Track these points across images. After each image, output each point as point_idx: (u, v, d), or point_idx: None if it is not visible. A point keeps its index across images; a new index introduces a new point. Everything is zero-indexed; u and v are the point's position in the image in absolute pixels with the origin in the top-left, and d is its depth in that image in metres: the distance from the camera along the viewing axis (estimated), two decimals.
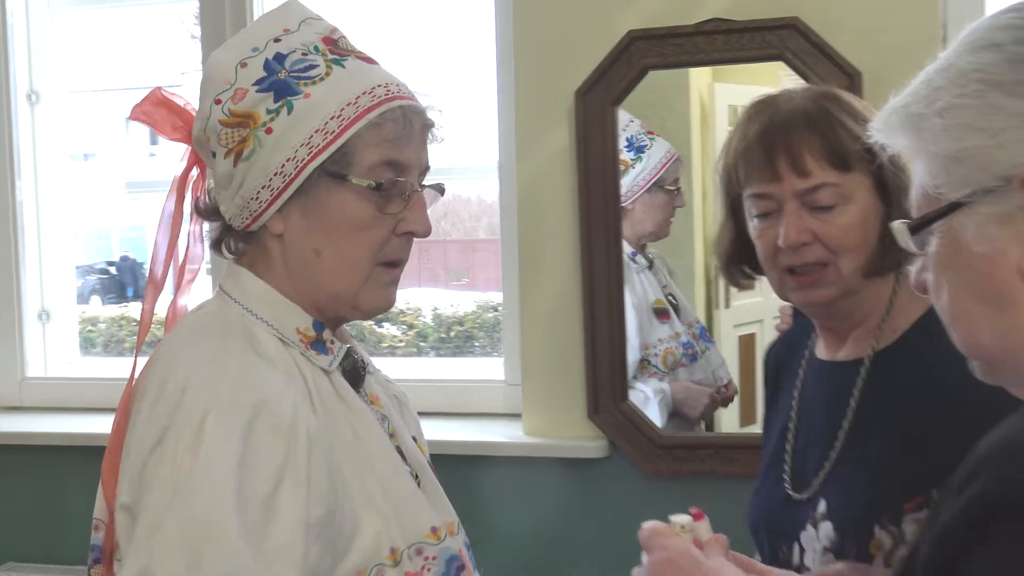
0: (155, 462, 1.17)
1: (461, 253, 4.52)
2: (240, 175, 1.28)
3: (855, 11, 2.20)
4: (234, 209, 1.30)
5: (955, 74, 0.93)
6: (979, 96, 0.91)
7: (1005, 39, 0.91)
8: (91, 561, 1.34)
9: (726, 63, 2.31)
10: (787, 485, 1.52)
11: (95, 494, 1.36)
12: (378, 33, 3.46)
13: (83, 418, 2.81)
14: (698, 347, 2.54)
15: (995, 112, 0.89)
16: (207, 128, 1.30)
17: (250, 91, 1.27)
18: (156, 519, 1.15)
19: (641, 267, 2.52)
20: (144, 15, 3.63)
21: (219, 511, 1.15)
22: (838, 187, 1.42)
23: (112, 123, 3.23)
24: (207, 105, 1.30)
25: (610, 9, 2.33)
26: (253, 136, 1.27)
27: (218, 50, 1.32)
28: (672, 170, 2.48)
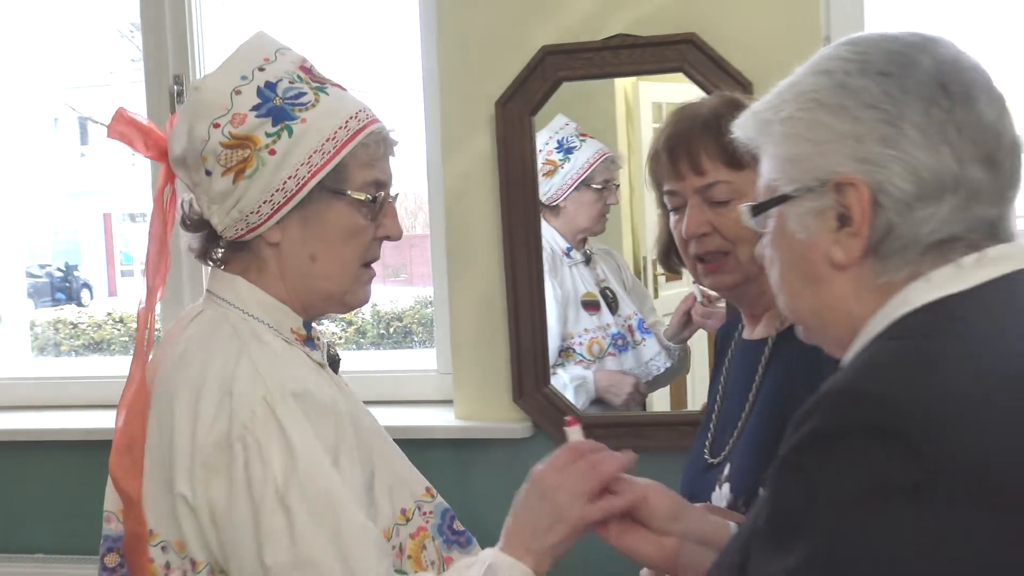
0: (233, 454, 1.32)
1: (398, 249, 4.59)
2: (240, 191, 1.41)
3: (746, 27, 2.38)
4: (228, 221, 1.43)
5: (797, 91, 1.10)
6: (810, 112, 1.08)
7: (836, 68, 1.08)
8: (104, 550, 1.47)
9: (631, 75, 2.49)
10: (706, 452, 1.69)
11: (51, 487, 1.46)
12: (314, 40, 3.59)
13: (35, 415, 2.93)
14: (631, 338, 2.65)
15: (820, 127, 1.07)
16: (205, 149, 1.41)
17: (249, 116, 1.41)
18: (276, 504, 1.30)
19: (575, 262, 2.65)
20: (70, 12, 3.67)
21: (331, 483, 1.33)
22: (731, 184, 1.59)
23: (42, 122, 3.32)
24: (203, 128, 1.41)
25: (525, 26, 2.48)
26: (256, 156, 1.40)
27: (207, 78, 1.45)
28: (601, 169, 2.61)
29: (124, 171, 11.28)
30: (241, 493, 1.32)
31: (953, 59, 1.07)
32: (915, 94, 1.04)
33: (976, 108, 1.05)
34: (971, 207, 1.04)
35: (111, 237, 11.71)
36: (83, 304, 10.11)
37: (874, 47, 1.08)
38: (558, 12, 2.47)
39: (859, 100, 1.05)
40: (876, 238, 1.05)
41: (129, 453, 1.40)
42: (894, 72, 1.05)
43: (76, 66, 9.72)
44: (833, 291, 1.10)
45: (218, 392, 1.35)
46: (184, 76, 2.79)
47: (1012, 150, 1.07)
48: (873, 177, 1.04)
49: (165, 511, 1.37)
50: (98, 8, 8.36)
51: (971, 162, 1.03)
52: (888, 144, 1.04)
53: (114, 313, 8.46)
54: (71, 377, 3.08)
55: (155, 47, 2.83)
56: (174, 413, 1.37)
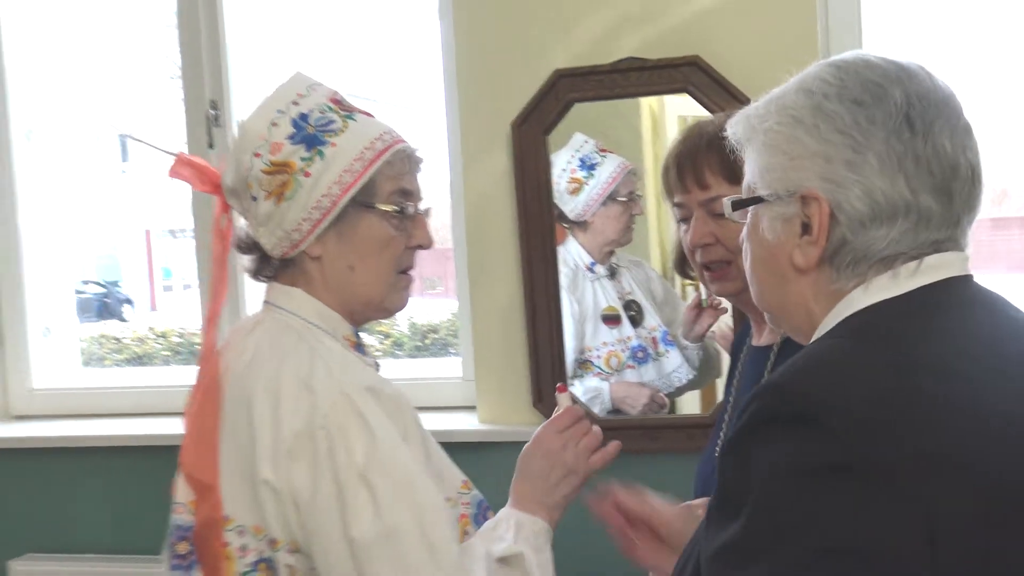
0: (316, 441, 1.46)
1: (435, 262, 4.68)
2: (282, 212, 1.57)
3: (746, 50, 2.48)
4: (275, 240, 1.59)
5: (780, 105, 1.21)
6: (789, 128, 1.19)
7: (817, 89, 1.18)
8: (175, 539, 1.60)
9: (639, 96, 2.58)
10: (717, 451, 1.77)
11: (100, 490, 1.59)
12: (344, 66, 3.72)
13: (86, 423, 3.10)
14: (654, 351, 2.71)
15: (796, 143, 1.18)
16: (249, 177, 1.58)
17: (285, 144, 1.57)
18: (359, 482, 1.45)
19: (598, 276, 2.71)
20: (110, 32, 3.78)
21: (408, 462, 1.50)
22: None
23: (83, 140, 3.46)
24: (246, 159, 1.58)
25: (539, 50, 2.59)
26: (293, 179, 1.56)
27: (248, 118, 1.61)
28: (625, 182, 2.66)
29: (164, 188, 11.52)
30: (325, 476, 1.46)
31: (924, 94, 1.16)
32: (881, 125, 1.14)
33: (936, 142, 1.14)
34: (920, 231, 1.15)
35: (151, 253, 11.94)
36: (125, 319, 10.33)
37: (853, 74, 1.18)
38: (570, 37, 2.59)
39: (831, 124, 1.16)
40: (831, 249, 1.17)
41: (202, 448, 1.54)
42: (866, 101, 1.15)
43: (116, 83, 9.94)
44: (795, 290, 1.23)
45: (296, 388, 1.50)
46: (220, 101, 2.94)
47: (968, 181, 1.17)
48: (834, 195, 1.16)
49: (244, 498, 1.51)
50: (137, 27, 8.57)
51: (925, 191, 1.14)
52: (851, 168, 1.15)
53: (156, 328, 8.65)
54: (117, 387, 3.24)
55: (192, 74, 2.97)
56: (253, 410, 1.51)
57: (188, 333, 8.37)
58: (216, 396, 1.56)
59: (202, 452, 1.54)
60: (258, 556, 1.51)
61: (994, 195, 4.88)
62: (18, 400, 3.22)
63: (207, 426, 1.55)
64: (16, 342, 3.21)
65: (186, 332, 8.35)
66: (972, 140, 1.19)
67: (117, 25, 4.98)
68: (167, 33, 3.06)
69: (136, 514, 2.97)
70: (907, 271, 1.16)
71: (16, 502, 3.08)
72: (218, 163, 1.68)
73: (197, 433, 1.57)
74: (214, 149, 2.96)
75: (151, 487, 2.93)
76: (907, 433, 1.01)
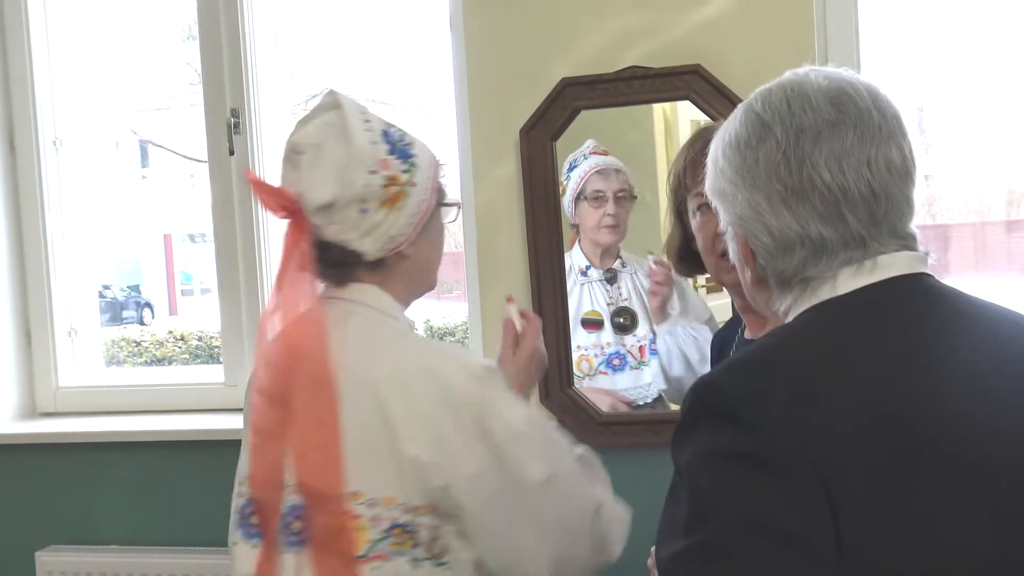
0: (462, 418, 1.66)
1: (452, 266, 4.77)
2: (391, 220, 1.74)
3: (745, 59, 2.55)
4: (378, 245, 1.75)
5: (712, 149, 1.34)
6: (713, 171, 1.33)
7: (727, 132, 1.31)
8: (291, 519, 1.71)
9: (643, 103, 2.66)
10: None
11: (122, 484, 1.70)
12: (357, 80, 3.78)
13: (108, 419, 3.20)
14: (633, 359, 2.73)
15: (717, 181, 1.32)
16: (365, 192, 1.72)
17: (389, 160, 1.74)
18: (518, 442, 1.68)
19: (591, 280, 2.75)
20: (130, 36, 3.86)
21: (541, 418, 1.79)
22: None
23: (103, 145, 3.53)
24: (360, 175, 1.71)
25: (546, 59, 2.68)
26: (403, 191, 1.75)
27: (352, 143, 1.72)
28: (593, 181, 2.69)
29: (183, 193, 11.63)
30: (481, 444, 1.66)
31: (802, 127, 1.22)
32: (763, 166, 1.25)
33: (812, 174, 1.22)
34: (820, 256, 1.24)
35: (171, 258, 12.08)
36: (145, 323, 10.46)
37: (751, 115, 1.28)
38: (575, 47, 2.67)
39: (732, 167, 1.28)
40: (760, 273, 1.31)
41: (327, 455, 1.67)
42: (753, 144, 1.26)
43: (137, 90, 10.05)
44: (762, 301, 1.36)
45: (423, 373, 1.68)
46: (240, 110, 3.04)
47: (864, 199, 1.22)
48: (744, 231, 1.29)
49: (375, 473, 1.66)
50: (157, 33, 8.69)
51: (812, 222, 1.23)
52: (751, 207, 1.27)
53: (175, 331, 8.76)
54: (139, 385, 3.35)
55: (213, 84, 3.07)
56: (382, 398, 1.67)
57: (207, 336, 8.49)
58: (333, 402, 1.68)
59: (329, 460, 1.67)
60: (391, 523, 1.67)
61: (1010, 197, 4.94)
62: (44, 398, 3.33)
63: (326, 432, 1.67)
64: (43, 343, 3.32)
65: (205, 335, 8.47)
66: (872, 153, 1.23)
67: (140, 32, 5.10)
68: (189, 42, 3.13)
69: (156, 506, 3.08)
70: (845, 275, 1.24)
71: (41, 496, 3.18)
72: (236, 173, 1.78)
73: (315, 439, 1.68)
74: (234, 156, 3.06)
75: (171, 481, 3.06)
76: (811, 428, 1.11)
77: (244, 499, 1.79)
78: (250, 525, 1.77)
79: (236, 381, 3.14)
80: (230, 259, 3.11)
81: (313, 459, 1.69)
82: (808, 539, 1.08)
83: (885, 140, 1.24)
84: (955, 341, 1.23)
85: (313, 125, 1.77)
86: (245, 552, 1.76)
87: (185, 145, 10.51)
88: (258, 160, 3.07)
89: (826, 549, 1.08)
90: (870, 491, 1.10)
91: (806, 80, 1.28)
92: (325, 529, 1.68)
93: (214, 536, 2.96)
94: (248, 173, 1.82)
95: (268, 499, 1.73)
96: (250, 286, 3.10)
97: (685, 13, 2.62)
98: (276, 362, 1.74)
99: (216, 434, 2.98)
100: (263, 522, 1.74)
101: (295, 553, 1.70)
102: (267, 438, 1.74)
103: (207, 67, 3.08)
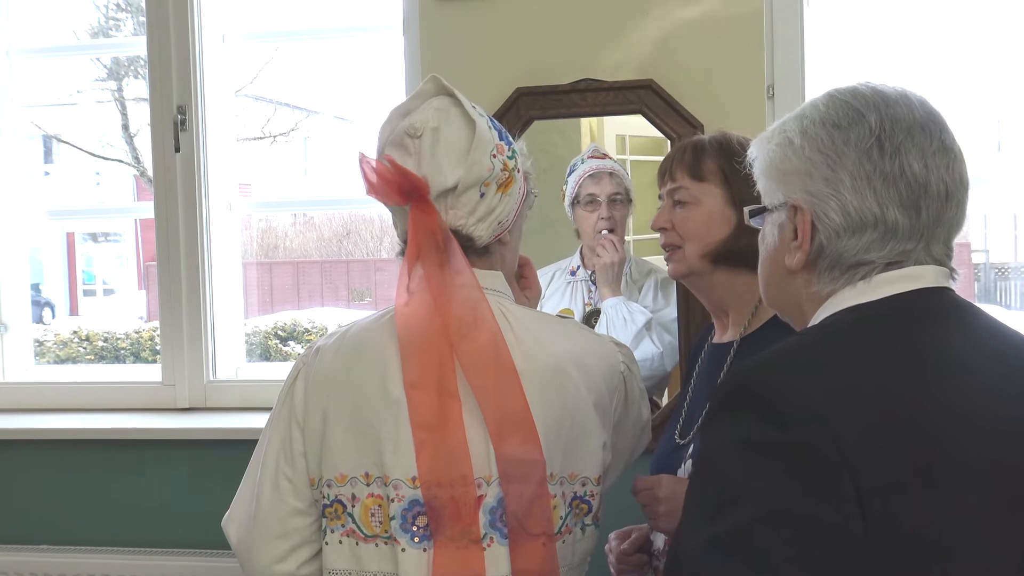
0: (627, 384, 1.83)
1: (364, 273, 4.77)
2: (503, 205, 1.76)
3: (697, 75, 2.63)
4: (490, 231, 1.76)
5: (781, 129, 1.40)
6: (783, 148, 1.38)
7: (807, 114, 1.37)
8: (412, 515, 1.68)
9: (596, 115, 2.71)
10: (677, 435, 2.00)
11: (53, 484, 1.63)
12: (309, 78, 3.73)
13: (39, 417, 3.11)
14: None
15: (788, 160, 1.37)
16: (490, 176, 1.73)
17: (502, 145, 1.76)
18: (643, 397, 1.90)
19: (578, 279, 2.76)
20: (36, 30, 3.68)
21: None
22: (690, 190, 1.95)
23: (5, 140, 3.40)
24: (486, 159, 1.72)
25: (501, 69, 2.71)
26: (514, 176, 1.78)
27: (476, 126, 1.72)
28: (586, 185, 2.70)
29: (87, 191, 11.38)
30: (634, 405, 1.85)
31: (897, 119, 1.32)
32: (854, 146, 1.32)
33: (904, 162, 1.31)
34: (887, 241, 1.32)
35: (74, 256, 11.82)
36: (46, 323, 10.21)
37: (840, 102, 1.36)
38: (530, 58, 2.71)
39: (813, 145, 1.34)
40: (813, 255, 1.35)
41: (522, 429, 1.67)
42: (843, 126, 1.33)
43: (41, 84, 9.82)
44: (790, 290, 1.41)
45: (592, 353, 1.78)
46: (187, 107, 3.01)
47: (939, 198, 1.32)
48: (814, 207, 1.34)
49: (562, 451, 1.71)
50: (65, 27, 8.50)
51: (892, 206, 1.31)
52: (828, 183, 1.33)
53: (80, 331, 8.56)
54: (71, 383, 3.28)
55: (160, 80, 3.03)
56: (563, 378, 1.72)
57: (114, 336, 8.32)
58: (518, 380, 1.68)
59: (526, 432, 1.68)
60: (572, 496, 1.74)
61: None
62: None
63: (516, 406, 1.68)
64: None
65: (112, 335, 8.31)
66: (950, 161, 1.34)
67: (47, 24, 4.97)
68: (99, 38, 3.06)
69: (88, 506, 3.03)
70: (881, 280, 1.32)
71: None
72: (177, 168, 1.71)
73: (504, 417, 1.68)
74: (180, 152, 3.03)
75: (102, 480, 3.00)
76: (849, 430, 1.16)
77: (403, 502, 1.69)
78: (416, 527, 1.68)
79: (174, 380, 3.10)
80: (172, 256, 3.07)
81: (512, 437, 1.67)
82: (836, 532, 1.13)
83: (959, 155, 1.36)
84: (982, 356, 1.30)
85: (426, 109, 1.75)
86: (415, 557, 1.68)
87: (91, 142, 10.27)
88: (202, 157, 3.04)
89: (853, 542, 1.13)
90: (897, 491, 1.16)
91: (887, 86, 1.38)
92: (526, 514, 1.68)
93: (145, 537, 2.94)
94: (364, 158, 1.75)
95: (446, 497, 1.66)
96: (191, 284, 3.06)
97: (638, 28, 2.68)
98: (433, 351, 1.69)
99: (152, 433, 2.95)
100: (435, 522, 1.67)
101: (489, 545, 1.68)
102: (436, 431, 1.67)
103: (154, 62, 3.04)
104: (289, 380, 1.83)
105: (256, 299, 9.66)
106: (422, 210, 1.72)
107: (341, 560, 1.74)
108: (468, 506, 1.66)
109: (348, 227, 10.14)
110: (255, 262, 10.27)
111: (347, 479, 1.73)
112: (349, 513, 1.73)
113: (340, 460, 1.73)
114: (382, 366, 1.73)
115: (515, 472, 1.67)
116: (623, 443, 1.88)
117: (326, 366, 1.78)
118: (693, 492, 1.24)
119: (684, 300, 2.62)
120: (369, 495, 1.71)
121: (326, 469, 1.74)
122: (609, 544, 2.04)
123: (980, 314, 1.37)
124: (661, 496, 1.82)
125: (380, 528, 1.71)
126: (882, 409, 1.19)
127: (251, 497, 1.81)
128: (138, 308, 10.56)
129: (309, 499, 1.78)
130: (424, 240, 1.72)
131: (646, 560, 1.99)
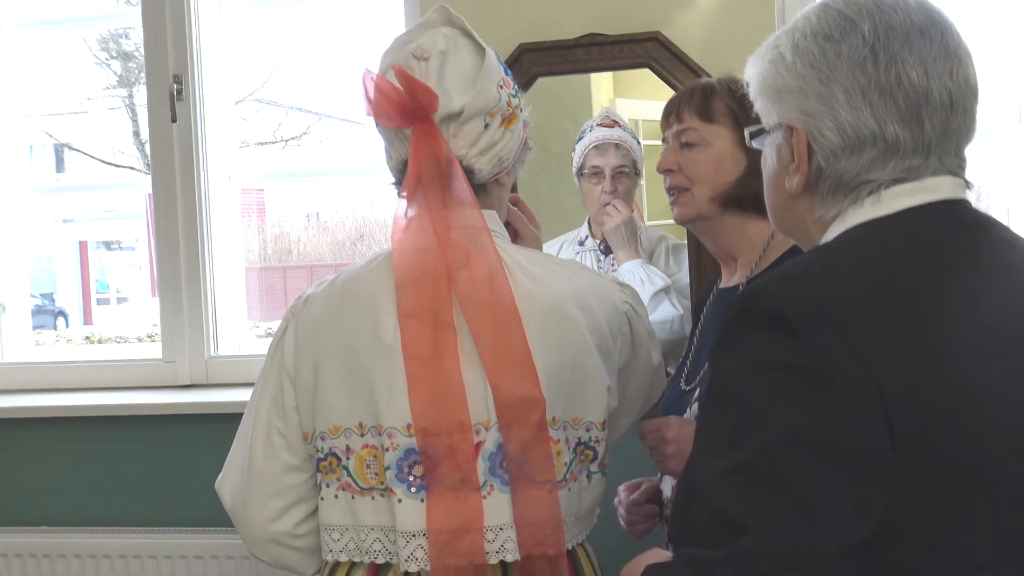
0: (632, 323, 1.76)
1: None
2: (506, 139, 1.68)
3: (705, 27, 2.58)
4: (490, 166, 1.68)
5: (773, 44, 1.30)
6: (774, 65, 1.28)
7: (799, 27, 1.27)
8: (408, 464, 1.60)
9: (601, 70, 2.65)
10: (682, 381, 1.94)
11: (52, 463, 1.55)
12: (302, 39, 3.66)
13: (40, 396, 3.06)
14: None
15: (780, 78, 1.27)
16: (496, 106, 1.65)
17: (507, 79, 1.70)
18: (652, 341, 1.83)
19: (587, 249, 2.72)
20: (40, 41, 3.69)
21: None
22: (699, 132, 1.88)
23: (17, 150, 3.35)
24: (493, 88, 1.64)
25: (503, 25, 2.65)
26: (517, 113, 1.70)
27: (484, 54, 1.67)
28: (590, 156, 2.63)
29: (100, 200, 11.39)
30: (642, 346, 1.78)
31: (892, 25, 1.22)
32: (846, 59, 1.22)
33: (900, 72, 1.21)
34: (888, 158, 1.22)
35: (87, 265, 11.82)
36: (59, 331, 10.21)
37: (831, 11, 1.26)
38: (533, 12, 2.66)
39: (805, 60, 1.24)
40: (812, 177, 1.26)
41: (520, 366, 1.59)
42: (835, 37, 1.23)
43: (52, 93, 9.84)
44: (794, 214, 1.32)
45: (594, 293, 1.70)
46: (183, 76, 2.96)
47: (943, 107, 1.22)
48: (809, 127, 1.25)
49: (565, 396, 1.64)
50: (75, 35, 8.50)
51: (891, 120, 1.21)
52: (822, 100, 1.23)
53: (92, 336, 8.55)
54: (70, 361, 3.23)
55: (155, 48, 2.98)
56: (564, 318, 1.65)
57: (127, 340, 8.29)
58: (515, 316, 1.60)
59: (525, 370, 1.59)
60: (577, 441, 1.67)
61: None
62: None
63: (514, 343, 1.59)
64: None
65: (124, 340, 8.27)
66: (953, 66, 1.24)
67: (57, 34, 4.94)
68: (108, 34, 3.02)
69: (87, 485, 2.97)
70: (892, 194, 1.23)
71: None
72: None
73: (502, 355, 1.59)
74: (176, 123, 2.97)
75: (103, 459, 2.94)
76: (870, 347, 1.08)
77: (399, 451, 1.61)
78: (413, 477, 1.60)
79: (174, 357, 3.03)
80: (170, 229, 3.01)
81: (509, 374, 1.59)
82: (865, 454, 1.05)
83: (964, 59, 1.25)
84: (1004, 266, 1.22)
85: (435, 34, 1.68)
86: (411, 508, 1.60)
87: (103, 150, 10.27)
88: (201, 128, 2.98)
89: (882, 467, 1.05)
90: (927, 411, 1.08)
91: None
92: (526, 459, 1.59)
93: (147, 515, 2.88)
94: (368, 73, 1.65)
95: (443, 446, 1.58)
96: (190, 255, 3.00)
97: None
98: (429, 281, 1.62)
99: (153, 409, 2.89)
100: (432, 472, 1.58)
101: (489, 493, 1.60)
102: (430, 365, 1.58)
103: (149, 32, 2.98)
104: (279, 332, 1.76)
105: (269, 303, 9.64)
106: (426, 132, 1.63)
107: (337, 516, 1.67)
108: (466, 453, 1.58)
109: (361, 230, 10.12)
110: (269, 267, 10.27)
111: (340, 430, 1.66)
112: (344, 466, 1.66)
113: (333, 411, 1.66)
114: (374, 311, 1.65)
115: (514, 415, 1.59)
116: (634, 388, 1.81)
117: (316, 314, 1.71)
118: (707, 421, 1.16)
119: (696, 262, 2.56)
120: (363, 446, 1.64)
121: (319, 422, 1.68)
122: (618, 496, 1.96)
123: (999, 226, 1.28)
124: (668, 437, 1.75)
125: (376, 480, 1.64)
126: (903, 322, 1.11)
127: (244, 455, 1.74)
128: (152, 316, 10.57)
129: (303, 454, 1.72)
130: (426, 165, 1.64)
131: (656, 510, 1.91)
